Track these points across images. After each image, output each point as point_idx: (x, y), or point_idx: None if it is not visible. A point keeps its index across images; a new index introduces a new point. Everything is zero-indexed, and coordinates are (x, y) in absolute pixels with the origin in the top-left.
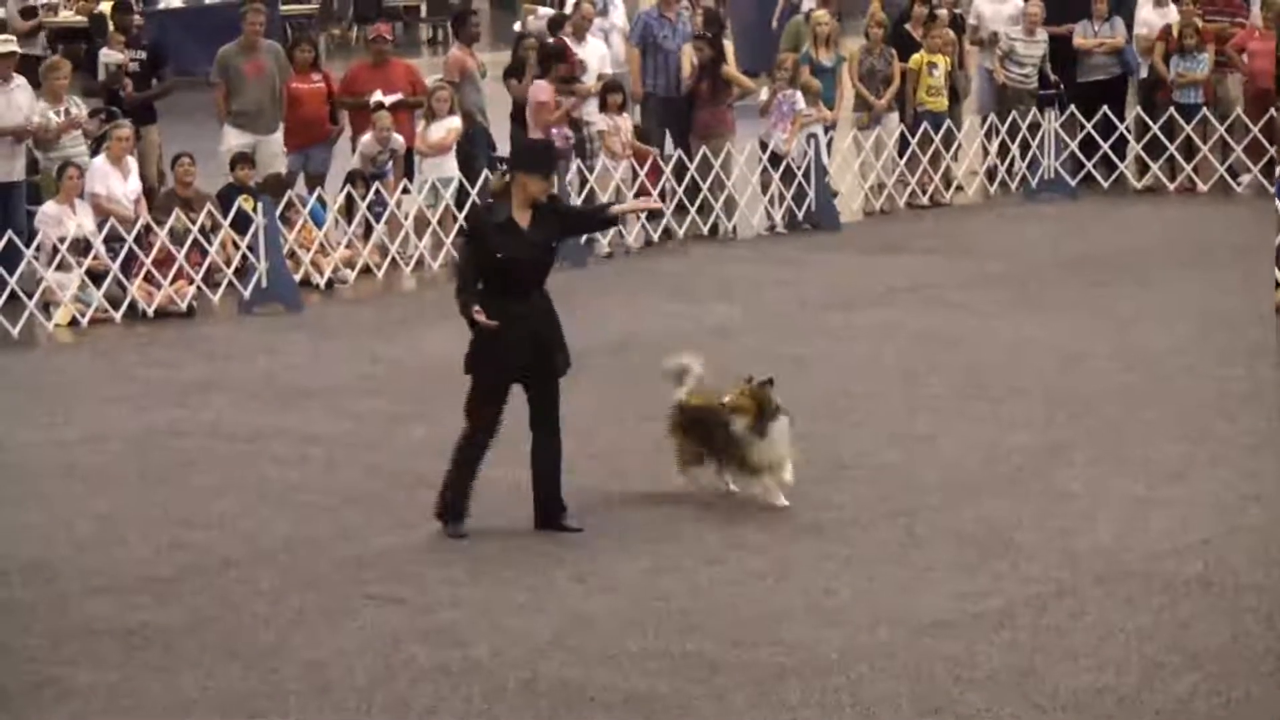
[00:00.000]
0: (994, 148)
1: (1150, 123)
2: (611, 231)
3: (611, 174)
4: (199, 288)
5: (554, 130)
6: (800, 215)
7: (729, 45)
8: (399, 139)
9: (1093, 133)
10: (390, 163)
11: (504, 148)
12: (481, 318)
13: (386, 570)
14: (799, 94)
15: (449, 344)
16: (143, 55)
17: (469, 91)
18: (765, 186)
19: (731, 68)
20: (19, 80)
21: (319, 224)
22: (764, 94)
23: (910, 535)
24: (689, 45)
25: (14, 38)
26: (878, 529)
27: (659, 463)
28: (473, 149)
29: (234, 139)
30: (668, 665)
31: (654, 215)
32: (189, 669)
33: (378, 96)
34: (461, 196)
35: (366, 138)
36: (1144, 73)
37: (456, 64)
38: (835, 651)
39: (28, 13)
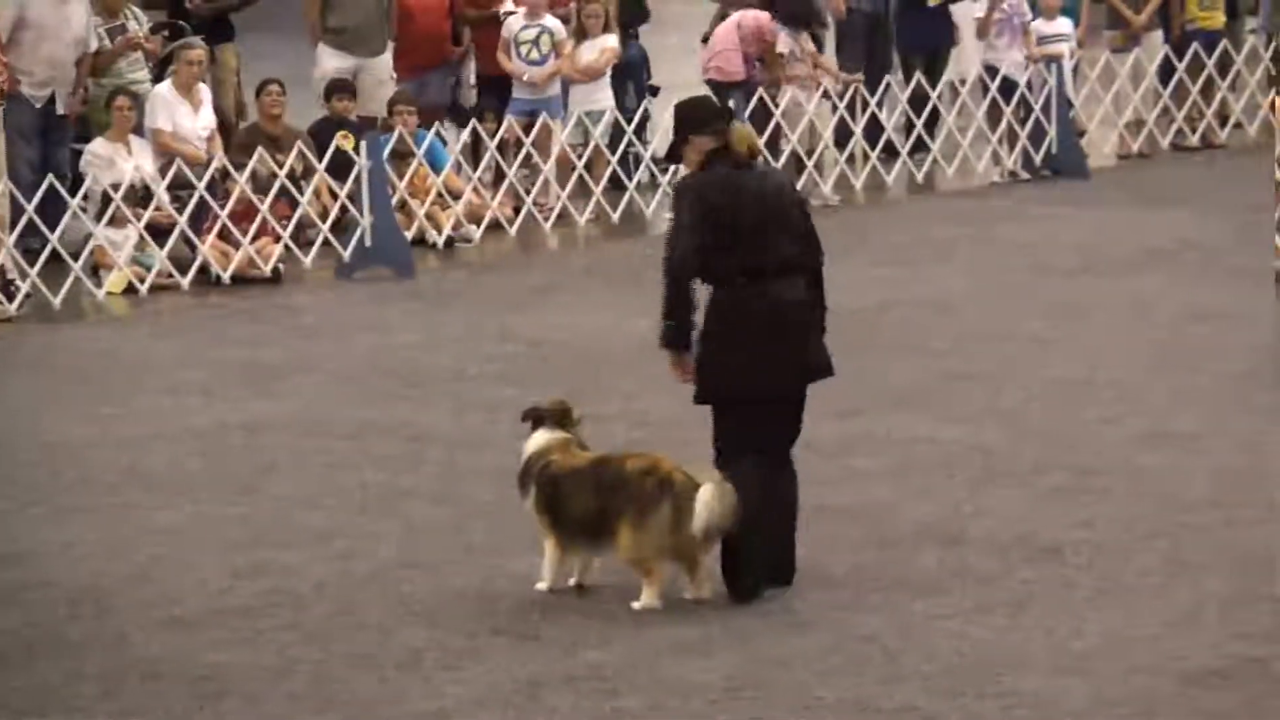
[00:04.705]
0: None
1: None
2: (803, 178)
3: (803, 106)
4: (287, 247)
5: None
6: (1038, 159)
7: None
8: (555, 22)
9: None
10: (551, 52)
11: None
12: None
13: (520, 601)
14: (1025, 4)
15: (602, 318)
16: None
17: None
18: (994, 123)
19: None
20: None
21: (437, 168)
22: (980, 6)
23: (1174, 561)
24: None
25: None
26: (1133, 552)
27: (863, 464)
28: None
29: (331, 62)
30: None
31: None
32: None
33: (508, 6)
34: (616, 134)
35: (512, 17)
36: None
37: None
38: (1081, 705)
39: None
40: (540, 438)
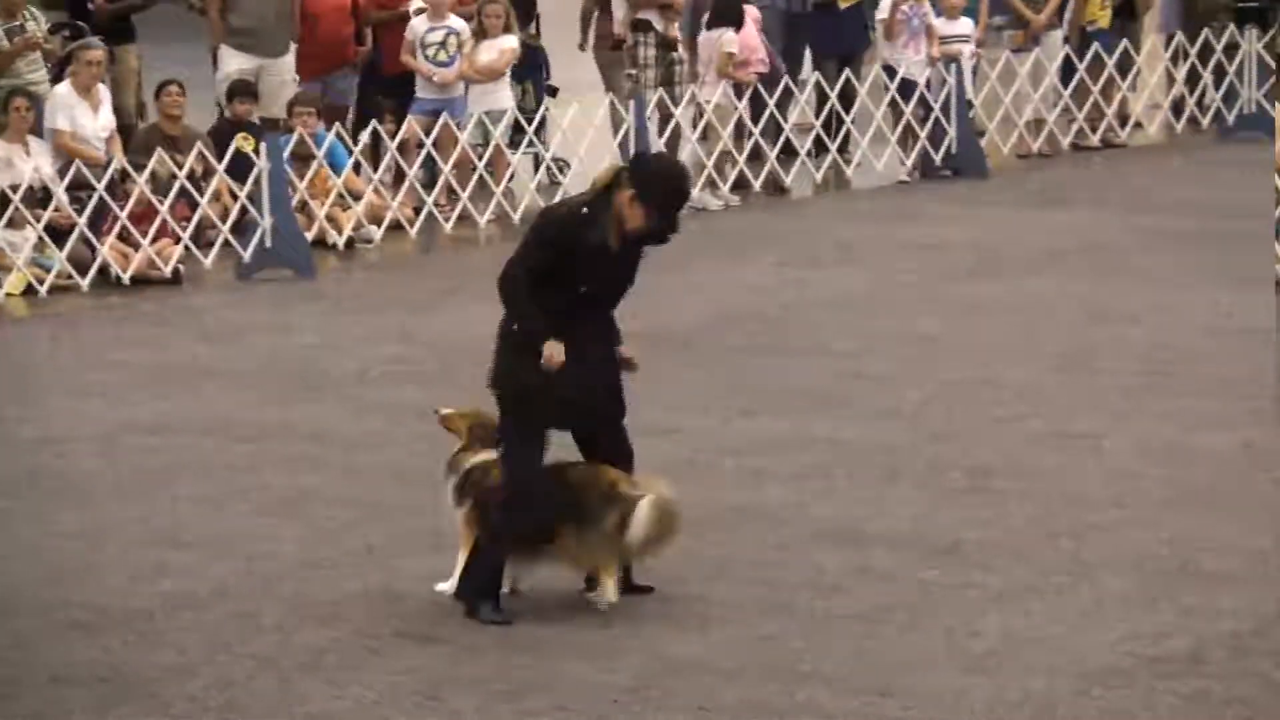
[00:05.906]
0: (1181, 75)
1: None
2: (702, 177)
3: (703, 105)
4: (187, 248)
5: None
6: (938, 159)
7: None
8: (460, 22)
9: None
10: (457, 53)
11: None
12: (557, 357)
13: (423, 602)
14: (927, 5)
15: (500, 320)
16: None
17: None
18: (893, 124)
19: None
20: None
21: (338, 169)
22: (883, 8)
23: (1074, 560)
24: None
25: None
26: (1033, 552)
27: (765, 464)
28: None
29: (233, 63)
30: None
31: (754, 155)
32: None
33: (416, 3)
34: (516, 134)
35: (417, 18)
36: None
37: None
38: (981, 705)
39: None
40: (486, 454)
